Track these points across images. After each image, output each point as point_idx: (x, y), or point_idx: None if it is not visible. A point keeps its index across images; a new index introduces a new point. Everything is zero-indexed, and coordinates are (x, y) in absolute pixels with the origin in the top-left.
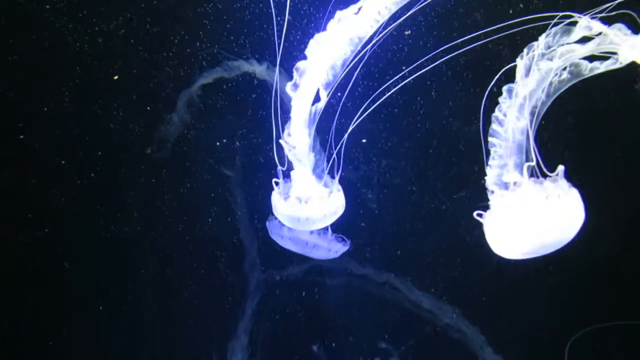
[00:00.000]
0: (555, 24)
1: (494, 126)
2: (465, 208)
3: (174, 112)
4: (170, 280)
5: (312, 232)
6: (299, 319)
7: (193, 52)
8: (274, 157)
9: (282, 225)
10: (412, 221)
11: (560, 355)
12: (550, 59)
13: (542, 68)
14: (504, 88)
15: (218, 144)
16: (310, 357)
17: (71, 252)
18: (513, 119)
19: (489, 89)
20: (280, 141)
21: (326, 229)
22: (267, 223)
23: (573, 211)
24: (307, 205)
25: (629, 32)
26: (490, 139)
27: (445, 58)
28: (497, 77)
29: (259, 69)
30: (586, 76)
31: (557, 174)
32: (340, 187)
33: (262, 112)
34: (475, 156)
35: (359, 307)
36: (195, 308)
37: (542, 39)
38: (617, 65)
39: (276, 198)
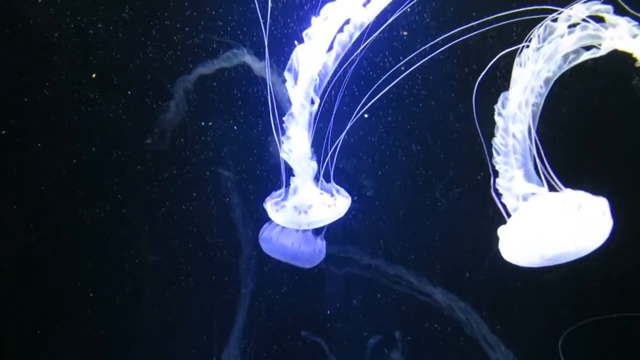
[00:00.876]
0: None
1: (497, 139)
2: (466, 203)
3: (171, 103)
4: (167, 269)
5: (297, 230)
6: (298, 307)
7: (182, 40)
8: (271, 154)
9: (271, 230)
10: (420, 214)
11: (564, 352)
12: (535, 61)
13: (529, 71)
14: (500, 97)
15: (213, 135)
16: (306, 344)
17: (64, 246)
18: (513, 126)
19: (478, 81)
20: (282, 152)
21: (306, 231)
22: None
23: (595, 221)
24: (307, 215)
25: (611, 9)
26: (495, 153)
27: (440, 50)
28: (485, 70)
29: (258, 66)
30: (566, 69)
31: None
32: (347, 194)
33: (259, 108)
34: (475, 149)
35: (363, 297)
36: (191, 293)
37: (532, 42)
38: (598, 54)
39: (271, 209)
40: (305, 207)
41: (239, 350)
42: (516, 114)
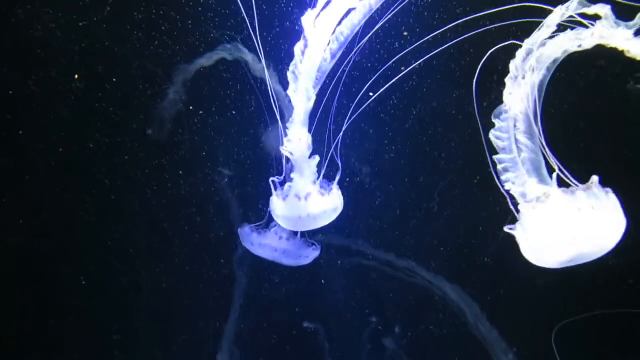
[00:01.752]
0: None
1: (501, 154)
2: (471, 197)
3: (169, 91)
4: (162, 254)
5: (280, 237)
6: (295, 294)
7: (176, 31)
8: (268, 138)
9: (252, 232)
10: (424, 206)
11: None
12: (524, 75)
13: (520, 83)
14: (496, 110)
15: (209, 122)
16: (302, 330)
17: (55, 237)
18: (516, 137)
19: (476, 76)
20: (282, 148)
21: (295, 234)
22: (239, 230)
23: (611, 219)
24: (307, 202)
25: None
26: (500, 164)
27: (440, 49)
28: (481, 64)
29: (258, 67)
30: (553, 68)
31: (590, 183)
32: (338, 187)
33: (255, 96)
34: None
35: (363, 288)
36: (187, 278)
37: (519, 55)
38: (580, 49)
39: (275, 200)
40: (304, 196)
41: (235, 334)
42: (517, 122)
